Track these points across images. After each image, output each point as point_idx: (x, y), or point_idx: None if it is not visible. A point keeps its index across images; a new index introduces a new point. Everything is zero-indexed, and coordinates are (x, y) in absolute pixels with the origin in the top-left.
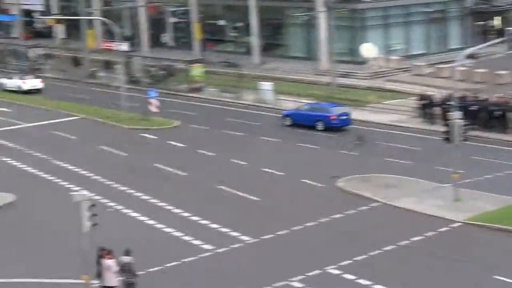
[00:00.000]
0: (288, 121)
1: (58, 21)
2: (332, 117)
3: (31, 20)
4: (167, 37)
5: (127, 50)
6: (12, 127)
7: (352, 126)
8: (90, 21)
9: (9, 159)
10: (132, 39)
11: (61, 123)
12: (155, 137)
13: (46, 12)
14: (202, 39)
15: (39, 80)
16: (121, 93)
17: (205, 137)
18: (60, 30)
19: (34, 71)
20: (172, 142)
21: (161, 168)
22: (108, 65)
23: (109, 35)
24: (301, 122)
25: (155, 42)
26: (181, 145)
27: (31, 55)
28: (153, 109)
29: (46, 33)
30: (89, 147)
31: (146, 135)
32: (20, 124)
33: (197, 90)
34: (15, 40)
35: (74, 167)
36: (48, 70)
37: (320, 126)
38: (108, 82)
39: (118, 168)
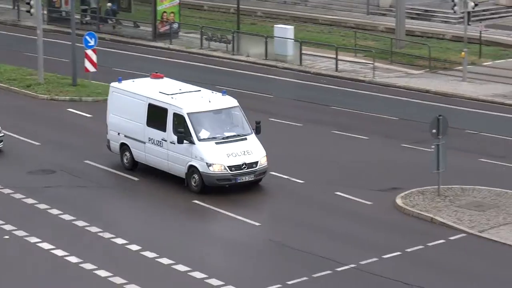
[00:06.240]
0: None
1: None
2: None
3: None
4: None
5: None
6: None
7: (428, 102)
8: None
9: None
10: None
11: None
12: (89, 116)
13: None
14: None
15: None
16: (38, 38)
17: None
18: None
19: None
20: None
21: None
22: None
23: None
24: None
25: None
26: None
27: None
28: (90, 66)
29: None
30: None
31: (74, 110)
32: None
33: (167, 35)
34: None
35: None
36: None
37: None
38: None
39: None
